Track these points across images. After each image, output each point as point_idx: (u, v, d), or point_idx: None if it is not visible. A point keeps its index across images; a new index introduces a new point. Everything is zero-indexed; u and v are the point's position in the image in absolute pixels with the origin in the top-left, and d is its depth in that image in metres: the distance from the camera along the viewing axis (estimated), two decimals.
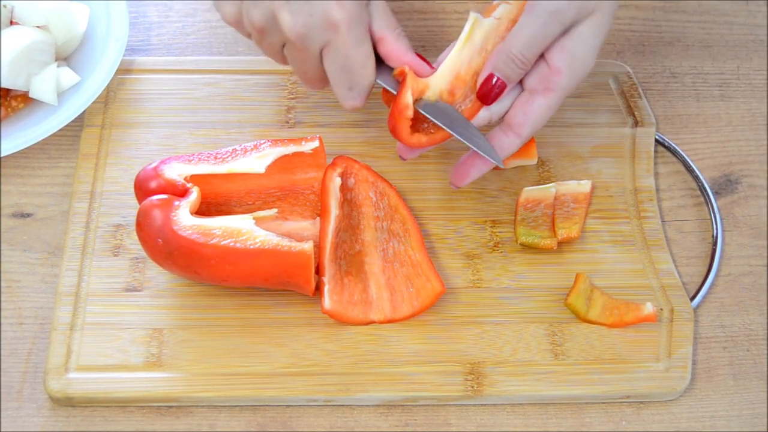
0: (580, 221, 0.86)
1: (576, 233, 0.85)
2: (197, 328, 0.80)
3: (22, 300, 0.82)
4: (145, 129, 0.90)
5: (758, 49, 1.01)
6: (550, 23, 0.75)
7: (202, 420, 0.78)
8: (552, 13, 0.75)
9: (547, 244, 0.84)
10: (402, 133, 0.78)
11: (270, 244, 0.76)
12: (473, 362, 0.80)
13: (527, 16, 0.76)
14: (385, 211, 0.84)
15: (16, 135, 0.87)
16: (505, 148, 0.81)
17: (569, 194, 0.87)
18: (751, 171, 0.93)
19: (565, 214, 0.86)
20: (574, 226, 0.85)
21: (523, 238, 0.84)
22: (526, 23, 0.76)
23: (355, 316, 0.80)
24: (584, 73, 0.79)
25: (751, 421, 0.80)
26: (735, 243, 0.89)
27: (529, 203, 0.86)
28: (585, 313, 0.82)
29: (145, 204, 0.77)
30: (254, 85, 0.93)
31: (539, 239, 0.84)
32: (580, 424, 0.79)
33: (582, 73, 0.79)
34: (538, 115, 0.79)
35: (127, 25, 0.93)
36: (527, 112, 0.79)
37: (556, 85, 0.78)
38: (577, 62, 0.78)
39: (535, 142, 0.88)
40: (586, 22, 0.77)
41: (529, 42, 0.76)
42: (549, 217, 0.85)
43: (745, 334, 0.84)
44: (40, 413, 0.77)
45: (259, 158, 0.81)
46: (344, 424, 0.78)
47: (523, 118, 0.79)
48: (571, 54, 0.77)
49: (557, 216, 0.86)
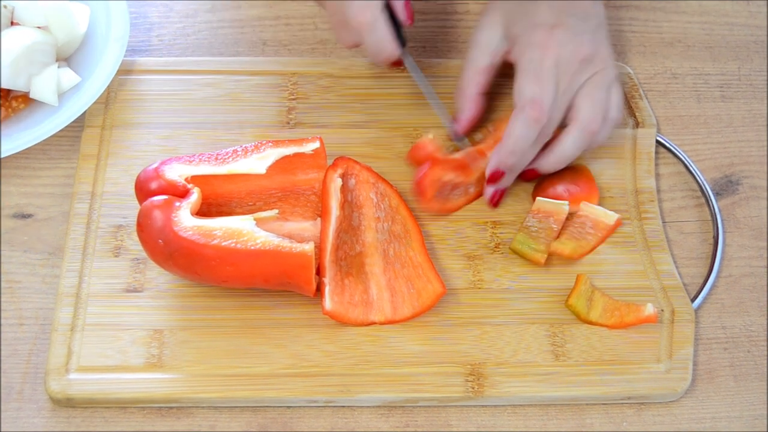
0: (588, 247, 0.85)
1: (570, 253, 0.84)
2: (198, 328, 0.80)
3: (23, 301, 0.82)
4: (146, 130, 0.90)
5: (759, 50, 1.01)
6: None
7: (203, 421, 0.78)
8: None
9: (535, 257, 0.84)
10: (422, 200, 0.86)
11: (271, 245, 0.76)
12: (474, 363, 0.80)
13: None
14: (386, 212, 0.84)
15: (17, 135, 0.87)
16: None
17: (591, 218, 0.86)
18: (752, 172, 0.93)
19: (576, 233, 0.85)
20: (577, 247, 0.84)
21: (516, 245, 0.84)
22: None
23: (356, 317, 0.80)
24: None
25: (752, 423, 0.80)
26: (736, 244, 0.89)
27: (540, 213, 0.85)
28: (586, 314, 0.82)
29: (145, 205, 0.77)
30: (255, 86, 0.93)
31: (530, 250, 0.84)
32: (581, 425, 0.79)
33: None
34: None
35: (127, 25, 0.93)
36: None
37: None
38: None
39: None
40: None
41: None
42: (553, 233, 0.85)
43: (746, 335, 0.84)
44: (40, 414, 0.77)
45: (259, 159, 0.81)
46: (345, 425, 0.78)
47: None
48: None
49: (566, 232, 0.85)
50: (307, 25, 1.00)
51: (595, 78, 0.84)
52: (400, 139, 0.91)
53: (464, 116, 0.89)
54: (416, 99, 0.92)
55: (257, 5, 1.01)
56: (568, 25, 0.84)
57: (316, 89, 0.94)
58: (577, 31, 0.84)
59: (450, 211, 0.87)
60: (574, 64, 0.83)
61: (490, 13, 0.88)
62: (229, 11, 1.01)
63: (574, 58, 0.83)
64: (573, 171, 0.88)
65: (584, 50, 0.83)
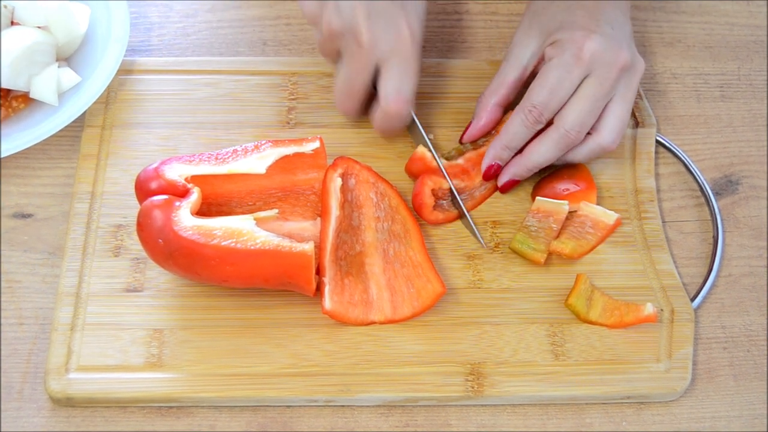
0: (587, 247, 0.85)
1: (570, 252, 0.84)
2: (198, 328, 0.80)
3: (23, 300, 0.82)
4: (146, 129, 0.90)
5: (759, 50, 1.01)
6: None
7: (203, 420, 0.78)
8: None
9: (535, 257, 0.84)
10: (423, 213, 0.86)
11: (271, 244, 0.76)
12: (474, 363, 0.80)
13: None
14: (386, 211, 0.84)
15: (17, 135, 0.87)
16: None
17: (591, 217, 0.86)
18: (752, 172, 0.93)
19: (576, 233, 0.85)
20: (577, 247, 0.84)
21: (516, 245, 0.84)
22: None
23: (356, 316, 0.80)
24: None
25: (752, 422, 0.80)
26: (735, 244, 0.89)
27: (540, 213, 0.85)
28: (585, 314, 0.82)
29: (145, 204, 0.77)
30: (255, 86, 0.93)
31: (530, 249, 0.84)
32: (580, 424, 0.79)
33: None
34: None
35: (127, 25, 0.93)
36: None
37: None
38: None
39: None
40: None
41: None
42: (553, 233, 0.85)
43: (746, 334, 0.84)
44: (40, 413, 0.77)
45: (259, 159, 0.81)
46: (345, 425, 0.78)
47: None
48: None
49: (566, 231, 0.85)
50: (307, 25, 1.00)
51: (630, 85, 0.86)
52: (399, 139, 0.91)
53: (477, 124, 0.89)
54: (416, 99, 0.92)
55: (257, 5, 1.01)
56: (606, 33, 0.84)
57: (316, 89, 0.94)
58: (615, 38, 0.84)
59: (456, 217, 0.87)
60: (614, 71, 0.83)
61: (524, 28, 0.89)
62: (229, 11, 1.01)
63: (614, 65, 0.83)
64: (571, 169, 0.88)
65: (623, 58, 0.84)
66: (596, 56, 0.83)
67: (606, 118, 0.85)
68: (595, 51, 0.83)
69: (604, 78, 0.83)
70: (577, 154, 0.87)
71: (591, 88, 0.83)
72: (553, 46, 0.85)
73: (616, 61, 0.83)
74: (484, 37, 1.01)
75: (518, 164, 0.86)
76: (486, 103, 0.89)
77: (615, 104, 0.85)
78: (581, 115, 0.83)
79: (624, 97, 0.85)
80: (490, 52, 0.99)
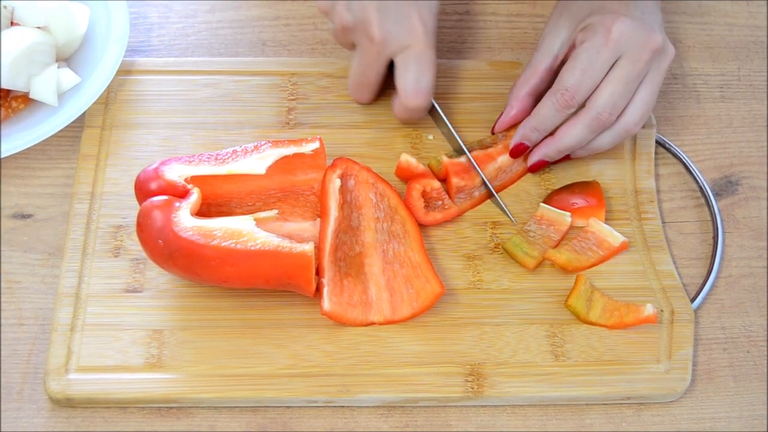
0: (586, 263, 0.84)
1: (564, 263, 0.83)
2: (197, 329, 0.80)
3: (23, 301, 0.82)
4: (146, 130, 0.90)
5: (759, 51, 1.01)
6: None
7: (202, 421, 0.78)
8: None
9: (525, 261, 0.83)
10: (418, 216, 0.85)
11: (270, 245, 0.76)
12: (473, 363, 0.80)
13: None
14: (385, 212, 0.84)
15: (17, 136, 0.87)
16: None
17: (597, 235, 0.85)
18: (752, 172, 0.93)
19: (578, 247, 0.84)
20: (573, 260, 0.83)
21: (510, 245, 0.84)
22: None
23: (355, 317, 0.80)
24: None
25: (752, 423, 0.80)
26: (735, 244, 0.89)
27: (542, 220, 0.85)
28: (585, 315, 0.82)
29: (145, 205, 0.77)
30: (254, 87, 0.93)
31: (522, 253, 0.84)
32: (580, 425, 0.79)
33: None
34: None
35: (127, 26, 0.93)
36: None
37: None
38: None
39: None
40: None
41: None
42: (552, 242, 0.85)
43: (746, 335, 0.84)
44: (40, 414, 0.77)
45: (259, 159, 0.81)
46: (344, 426, 0.78)
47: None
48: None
49: (568, 244, 0.85)
50: (307, 25, 1.00)
51: (659, 68, 0.85)
52: (399, 139, 0.91)
53: (509, 114, 0.89)
54: None
55: (257, 5, 1.01)
56: (636, 17, 0.84)
57: (315, 89, 0.94)
58: (646, 22, 0.84)
59: (454, 216, 0.87)
60: (647, 53, 0.83)
61: (555, 18, 0.89)
62: (229, 11, 1.01)
63: (646, 47, 0.83)
64: (584, 185, 0.88)
65: (655, 40, 0.83)
66: (626, 37, 0.82)
67: (632, 102, 0.85)
68: (624, 31, 0.82)
69: (636, 59, 0.83)
70: (602, 140, 0.86)
71: (623, 70, 0.83)
72: (583, 31, 0.85)
73: (648, 43, 0.83)
74: (484, 37, 1.00)
75: (549, 145, 0.86)
76: (517, 93, 0.89)
77: (642, 87, 0.84)
78: (613, 97, 0.83)
79: (652, 80, 0.85)
80: (490, 52, 0.99)
